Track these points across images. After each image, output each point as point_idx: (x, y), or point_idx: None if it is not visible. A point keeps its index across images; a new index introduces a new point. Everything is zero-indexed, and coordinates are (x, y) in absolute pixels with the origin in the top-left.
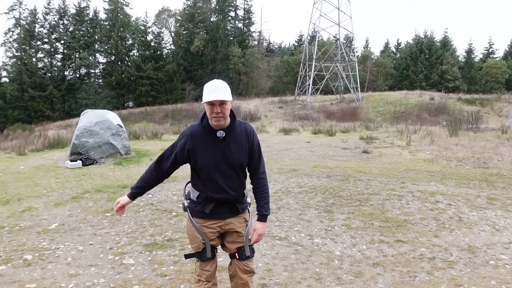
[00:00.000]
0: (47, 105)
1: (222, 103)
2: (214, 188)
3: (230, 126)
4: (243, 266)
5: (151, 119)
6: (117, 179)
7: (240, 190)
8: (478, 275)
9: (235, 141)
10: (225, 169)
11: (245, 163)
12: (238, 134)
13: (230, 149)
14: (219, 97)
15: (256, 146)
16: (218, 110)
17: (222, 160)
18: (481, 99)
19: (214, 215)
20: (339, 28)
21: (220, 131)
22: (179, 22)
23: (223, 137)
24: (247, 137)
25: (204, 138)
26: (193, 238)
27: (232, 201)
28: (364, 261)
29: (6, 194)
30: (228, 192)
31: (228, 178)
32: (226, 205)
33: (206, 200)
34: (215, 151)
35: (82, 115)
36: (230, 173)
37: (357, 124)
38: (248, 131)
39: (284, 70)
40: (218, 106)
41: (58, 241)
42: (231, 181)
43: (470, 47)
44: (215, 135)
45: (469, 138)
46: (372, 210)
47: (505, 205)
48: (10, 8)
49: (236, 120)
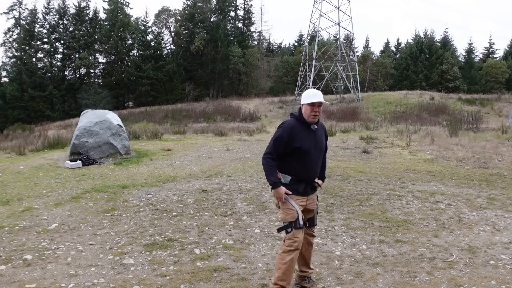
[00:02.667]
0: (47, 105)
1: (319, 105)
2: (307, 169)
3: (318, 122)
4: (309, 231)
5: (151, 119)
6: (117, 179)
7: (319, 172)
8: (478, 275)
9: (320, 133)
10: (316, 153)
11: (325, 149)
12: (321, 128)
13: (318, 138)
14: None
15: (327, 138)
16: (317, 110)
17: (314, 146)
18: (481, 99)
19: (306, 193)
20: (339, 28)
21: (313, 125)
22: (179, 22)
23: (315, 129)
24: (324, 131)
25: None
26: (288, 211)
27: (313, 181)
28: (364, 261)
29: (6, 194)
30: (315, 172)
31: (316, 160)
32: (310, 184)
33: (299, 181)
34: (311, 139)
35: (82, 115)
36: (318, 156)
37: (357, 124)
38: (324, 127)
39: (284, 70)
40: (317, 107)
41: (58, 241)
42: (318, 163)
43: (470, 47)
44: (309, 127)
45: (469, 138)
46: (372, 210)
47: (505, 205)
48: (10, 8)
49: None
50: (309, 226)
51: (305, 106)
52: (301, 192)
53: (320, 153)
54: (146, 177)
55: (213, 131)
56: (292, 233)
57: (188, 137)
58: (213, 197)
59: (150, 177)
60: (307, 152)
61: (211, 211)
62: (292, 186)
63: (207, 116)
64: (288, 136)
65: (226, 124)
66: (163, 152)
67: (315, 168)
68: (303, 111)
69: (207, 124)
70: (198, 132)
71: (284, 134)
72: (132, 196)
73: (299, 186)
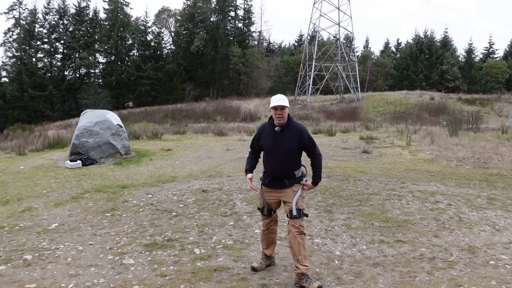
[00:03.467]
0: (47, 105)
1: (281, 107)
2: (271, 166)
3: (286, 125)
4: (292, 223)
5: (151, 119)
6: (117, 179)
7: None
8: (478, 275)
9: (288, 135)
10: (279, 152)
11: (294, 149)
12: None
13: (283, 139)
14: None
15: (307, 140)
16: (280, 113)
17: (277, 145)
18: (481, 99)
19: (271, 185)
20: (339, 28)
21: (278, 127)
22: (179, 22)
23: (279, 130)
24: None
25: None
26: (259, 199)
27: (282, 177)
28: (364, 261)
29: (6, 194)
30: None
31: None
32: (277, 179)
33: (267, 175)
34: (273, 139)
35: (82, 115)
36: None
37: (357, 124)
38: (300, 131)
39: (284, 70)
40: (279, 110)
41: (58, 241)
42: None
43: (470, 47)
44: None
45: (469, 138)
46: (372, 210)
47: (505, 205)
48: (10, 8)
49: (291, 121)
50: (289, 217)
51: (272, 110)
52: (266, 183)
53: (285, 154)
54: (146, 177)
55: (213, 131)
56: (262, 216)
57: (188, 137)
58: (213, 197)
59: (150, 177)
60: (269, 151)
61: (211, 211)
62: (263, 178)
63: (207, 116)
64: (258, 134)
65: (226, 124)
66: (163, 152)
67: (279, 166)
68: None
69: (207, 124)
70: (198, 132)
71: (256, 132)
72: (132, 196)
73: (265, 178)
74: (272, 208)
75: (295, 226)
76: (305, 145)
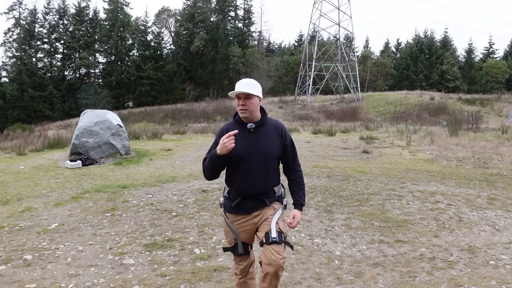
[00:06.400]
0: (47, 105)
1: (247, 97)
2: (244, 180)
3: (261, 120)
4: (269, 252)
5: (151, 119)
6: (117, 179)
7: (267, 183)
8: (478, 275)
9: (265, 134)
10: (255, 159)
11: (275, 155)
12: (269, 128)
13: (260, 140)
14: (244, 89)
15: (289, 142)
16: (244, 103)
17: (252, 149)
18: (481, 99)
19: (241, 209)
20: (339, 28)
21: (250, 123)
22: (179, 22)
23: (253, 128)
24: (278, 133)
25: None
26: (226, 233)
27: (258, 195)
28: (364, 261)
29: (6, 194)
30: (255, 185)
31: (256, 169)
32: (252, 199)
33: (235, 195)
34: (245, 141)
35: (82, 115)
36: (259, 164)
37: (357, 124)
38: (279, 128)
39: (284, 70)
40: (243, 99)
41: (58, 241)
42: (259, 173)
43: (470, 47)
44: (246, 127)
45: (469, 138)
46: (372, 210)
47: (505, 205)
48: (10, 8)
49: (266, 117)
50: (265, 242)
51: (235, 101)
52: (233, 208)
53: (264, 160)
54: (146, 177)
55: (213, 131)
56: (234, 258)
57: (188, 137)
58: (213, 197)
59: (150, 177)
60: (240, 158)
61: (211, 211)
62: (228, 201)
63: (207, 116)
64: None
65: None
66: (163, 152)
67: (255, 178)
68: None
69: (207, 124)
70: (198, 132)
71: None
72: (132, 196)
73: (232, 200)
74: (248, 242)
75: (273, 256)
76: (285, 148)
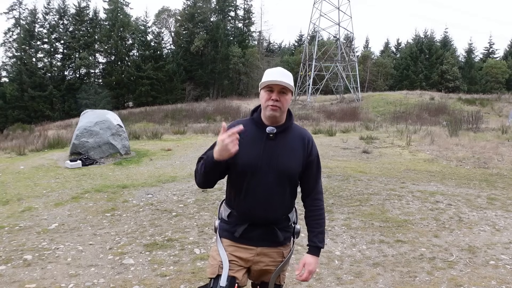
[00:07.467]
0: (47, 105)
1: (282, 90)
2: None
3: (284, 124)
4: None
5: (151, 119)
6: (117, 179)
7: (282, 209)
8: (478, 275)
9: (286, 143)
10: (269, 174)
11: (296, 172)
12: (292, 137)
13: (279, 151)
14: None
15: (314, 157)
16: (277, 98)
17: (266, 162)
18: (481, 99)
19: (249, 240)
20: (339, 28)
21: (271, 127)
22: (179, 22)
23: (273, 133)
24: (303, 144)
25: (251, 132)
26: (212, 259)
27: (270, 224)
28: (364, 261)
29: (6, 194)
30: (267, 209)
31: (270, 189)
32: (262, 228)
33: (239, 220)
34: (260, 150)
35: (82, 115)
36: (274, 182)
37: (357, 124)
38: (306, 139)
39: None
40: (277, 93)
41: (58, 241)
42: (273, 195)
43: (470, 47)
44: (264, 131)
45: (469, 138)
46: (372, 210)
47: (505, 205)
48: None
49: (292, 121)
50: None
51: (261, 93)
52: (237, 238)
53: (281, 178)
54: (146, 177)
55: (213, 131)
56: None
57: (188, 137)
58: (213, 197)
59: (150, 177)
60: (249, 171)
61: (211, 211)
62: (229, 225)
63: (207, 116)
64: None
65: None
66: (163, 152)
67: (269, 201)
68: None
69: (207, 124)
70: (198, 132)
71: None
72: (132, 196)
73: (236, 226)
74: (236, 276)
75: None
76: (309, 165)
